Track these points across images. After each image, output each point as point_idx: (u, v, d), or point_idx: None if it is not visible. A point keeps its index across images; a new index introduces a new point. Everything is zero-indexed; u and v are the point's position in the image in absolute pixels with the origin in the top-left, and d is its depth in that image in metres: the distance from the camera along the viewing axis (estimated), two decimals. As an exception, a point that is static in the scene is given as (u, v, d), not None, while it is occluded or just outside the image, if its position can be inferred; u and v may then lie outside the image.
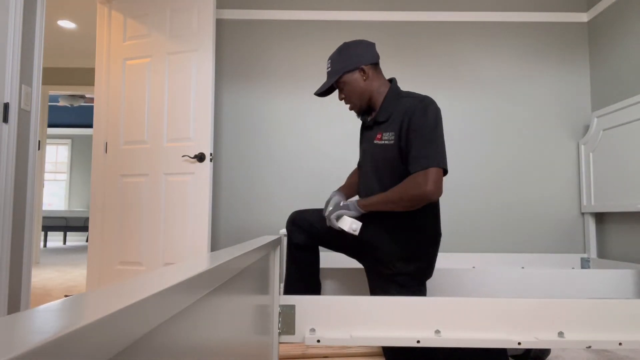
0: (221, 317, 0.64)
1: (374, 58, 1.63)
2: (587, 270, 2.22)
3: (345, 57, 1.61)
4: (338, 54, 1.63)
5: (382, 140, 1.58)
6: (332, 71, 1.63)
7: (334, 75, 1.62)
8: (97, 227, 2.85)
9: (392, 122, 1.56)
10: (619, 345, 1.14)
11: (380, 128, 1.60)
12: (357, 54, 1.61)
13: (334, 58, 1.63)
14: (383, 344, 1.24)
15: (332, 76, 1.62)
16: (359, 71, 1.61)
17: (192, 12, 2.74)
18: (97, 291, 0.37)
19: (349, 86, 1.62)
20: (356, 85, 1.61)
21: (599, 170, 2.74)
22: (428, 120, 1.48)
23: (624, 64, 2.67)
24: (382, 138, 1.58)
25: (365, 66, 1.60)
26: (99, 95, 2.93)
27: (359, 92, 1.63)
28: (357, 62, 1.60)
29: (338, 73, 1.61)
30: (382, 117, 1.60)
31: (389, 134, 1.56)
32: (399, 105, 1.57)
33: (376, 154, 1.61)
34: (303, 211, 1.79)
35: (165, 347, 0.41)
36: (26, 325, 0.26)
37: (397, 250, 1.58)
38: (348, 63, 1.61)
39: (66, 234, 8.40)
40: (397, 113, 1.55)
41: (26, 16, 2.07)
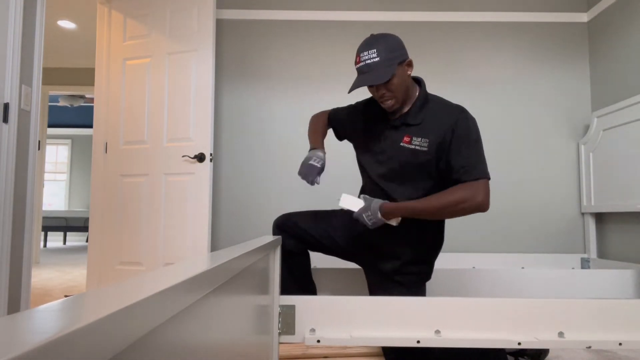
0: (221, 317, 0.64)
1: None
2: (587, 270, 2.22)
3: (395, 47, 1.46)
4: (384, 42, 1.45)
5: (411, 144, 1.49)
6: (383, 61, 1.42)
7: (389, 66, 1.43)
8: (97, 227, 2.85)
9: (424, 128, 1.49)
10: (619, 345, 1.14)
11: (409, 131, 1.51)
12: (402, 46, 1.48)
13: (381, 48, 1.43)
14: (383, 344, 1.24)
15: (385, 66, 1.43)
16: (406, 64, 1.49)
17: (192, 12, 2.74)
18: (97, 291, 0.37)
19: (398, 79, 1.46)
20: (405, 79, 1.48)
21: (599, 170, 2.74)
22: (472, 131, 1.46)
23: (624, 64, 2.67)
24: (411, 142, 1.49)
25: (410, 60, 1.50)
26: (99, 95, 2.93)
27: (406, 87, 1.50)
28: (403, 53, 1.47)
29: (393, 63, 1.43)
30: (413, 119, 1.51)
31: (421, 139, 1.48)
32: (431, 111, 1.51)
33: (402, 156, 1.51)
34: (289, 215, 1.73)
35: (165, 347, 0.41)
36: (26, 325, 0.26)
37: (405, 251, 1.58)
38: (399, 54, 1.45)
39: (66, 234, 8.39)
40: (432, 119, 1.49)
41: (26, 16, 2.07)
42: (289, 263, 1.71)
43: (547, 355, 1.73)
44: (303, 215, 1.75)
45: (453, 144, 1.44)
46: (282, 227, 1.70)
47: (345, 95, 3.01)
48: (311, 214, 1.77)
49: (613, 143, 2.62)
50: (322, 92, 3.01)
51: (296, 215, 1.74)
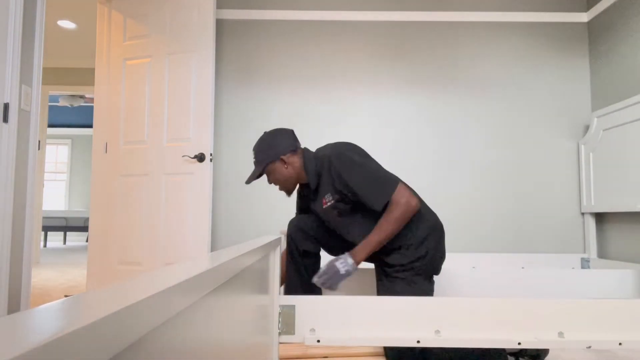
0: (221, 317, 0.64)
1: (291, 146, 1.73)
2: (587, 270, 2.22)
3: (266, 149, 1.72)
4: (259, 145, 1.74)
5: (327, 203, 1.67)
6: (256, 162, 1.73)
7: (259, 167, 1.72)
8: (97, 227, 2.85)
9: (324, 186, 1.67)
10: (619, 345, 1.14)
11: (319, 194, 1.70)
12: (276, 145, 1.72)
13: (256, 150, 1.74)
14: (383, 344, 1.24)
15: (257, 167, 1.73)
16: (280, 161, 1.71)
17: (192, 12, 2.74)
18: (97, 291, 0.37)
19: (273, 174, 1.73)
20: (281, 173, 1.71)
21: (599, 170, 2.74)
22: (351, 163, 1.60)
23: (624, 64, 2.67)
24: (326, 202, 1.67)
25: (284, 156, 1.70)
26: (99, 95, 2.93)
27: (284, 179, 1.72)
28: (275, 154, 1.70)
29: (262, 164, 1.71)
30: (313, 184, 1.71)
31: (328, 195, 1.66)
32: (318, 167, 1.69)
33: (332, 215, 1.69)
34: (305, 216, 1.81)
35: (165, 348, 0.41)
36: (26, 325, 0.26)
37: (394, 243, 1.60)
38: (269, 154, 1.71)
39: (66, 234, 8.40)
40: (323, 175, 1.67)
41: (26, 16, 2.07)
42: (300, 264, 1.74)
43: (547, 355, 1.73)
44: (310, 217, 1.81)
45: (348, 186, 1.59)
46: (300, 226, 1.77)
47: (342, 94, 3.01)
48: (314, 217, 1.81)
49: (613, 143, 2.62)
50: (322, 92, 3.01)
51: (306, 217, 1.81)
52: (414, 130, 2.99)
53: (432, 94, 3.00)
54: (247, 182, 1.75)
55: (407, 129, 2.99)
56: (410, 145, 2.98)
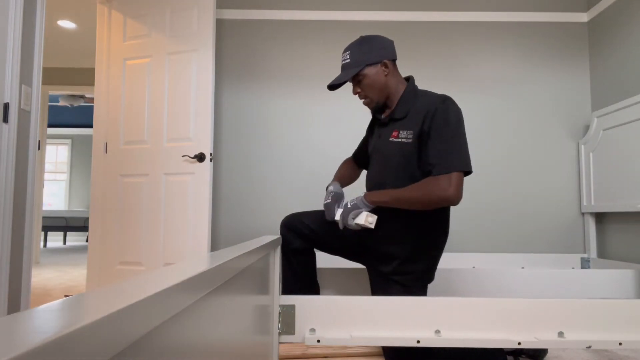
0: (221, 317, 0.64)
1: (394, 54, 1.59)
2: (587, 270, 2.22)
3: (368, 49, 1.55)
4: (359, 45, 1.56)
5: (398, 137, 1.53)
6: (352, 62, 1.55)
7: (356, 67, 1.54)
8: (97, 227, 2.85)
9: (410, 120, 1.53)
10: (619, 345, 1.14)
11: (396, 125, 1.56)
12: (379, 47, 1.56)
13: (354, 49, 1.55)
14: (383, 344, 1.24)
15: (352, 67, 1.54)
16: (382, 65, 1.55)
17: (192, 12, 2.74)
18: (97, 291, 0.37)
19: (369, 80, 1.56)
20: (377, 79, 1.56)
21: (599, 170, 2.74)
22: (451, 121, 1.45)
23: (624, 64, 2.67)
24: (398, 136, 1.53)
25: (387, 61, 1.56)
26: (99, 95, 2.93)
27: (379, 87, 1.57)
28: (379, 55, 1.55)
29: (360, 65, 1.53)
30: (399, 114, 1.56)
31: (407, 132, 1.52)
32: (417, 103, 1.54)
33: (391, 151, 1.56)
34: (297, 214, 1.75)
35: (165, 347, 0.41)
36: (26, 325, 0.26)
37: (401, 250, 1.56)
38: (371, 55, 1.54)
39: (66, 234, 8.40)
40: (416, 111, 1.52)
41: (26, 16, 2.07)
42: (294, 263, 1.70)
43: (546, 354, 1.73)
44: (310, 214, 1.76)
45: (431, 132, 1.45)
46: (290, 226, 1.71)
47: (342, 94, 3.01)
48: (318, 213, 1.77)
49: (613, 143, 2.62)
50: (322, 92, 3.01)
51: (303, 215, 1.75)
52: (414, 130, 2.99)
53: (432, 94, 3.00)
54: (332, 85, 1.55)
55: (407, 129, 2.99)
56: (410, 145, 2.98)
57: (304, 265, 1.74)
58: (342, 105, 3.00)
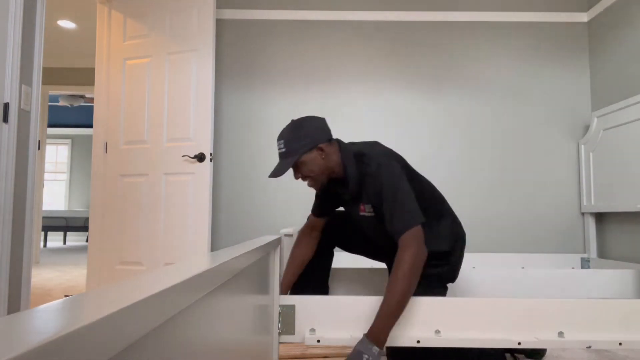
0: (221, 317, 0.64)
1: (328, 134, 1.55)
2: (587, 270, 2.22)
3: (301, 137, 1.52)
4: (291, 132, 1.53)
5: (366, 212, 1.56)
6: (287, 151, 1.51)
7: (293, 156, 1.51)
8: (97, 227, 2.85)
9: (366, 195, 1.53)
10: (619, 345, 1.14)
11: (359, 200, 1.57)
12: (312, 132, 1.52)
13: (288, 138, 1.52)
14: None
15: (289, 157, 1.51)
16: (317, 150, 1.52)
17: (192, 12, 2.74)
18: (97, 291, 0.37)
19: (307, 166, 1.53)
20: (315, 164, 1.52)
21: (599, 170, 2.74)
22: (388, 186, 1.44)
23: (624, 64, 2.67)
24: (365, 210, 1.56)
25: (322, 144, 1.52)
26: (99, 95, 2.93)
27: (319, 171, 1.54)
28: (313, 140, 1.51)
29: (295, 154, 1.50)
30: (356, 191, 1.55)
31: (368, 206, 1.54)
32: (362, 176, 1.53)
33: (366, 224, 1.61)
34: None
35: (165, 347, 0.41)
36: (26, 325, 0.26)
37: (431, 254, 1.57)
38: (305, 142, 1.51)
39: (66, 234, 8.40)
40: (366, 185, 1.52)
41: (26, 16, 2.07)
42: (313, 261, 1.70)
43: (545, 353, 1.72)
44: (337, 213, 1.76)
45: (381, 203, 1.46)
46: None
47: (342, 94, 3.01)
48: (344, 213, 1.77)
49: (613, 143, 2.62)
50: (322, 92, 3.01)
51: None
52: (414, 130, 2.99)
53: (431, 93, 3.00)
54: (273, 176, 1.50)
55: (406, 129, 2.99)
56: (410, 145, 2.98)
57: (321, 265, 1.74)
58: (342, 105, 3.00)
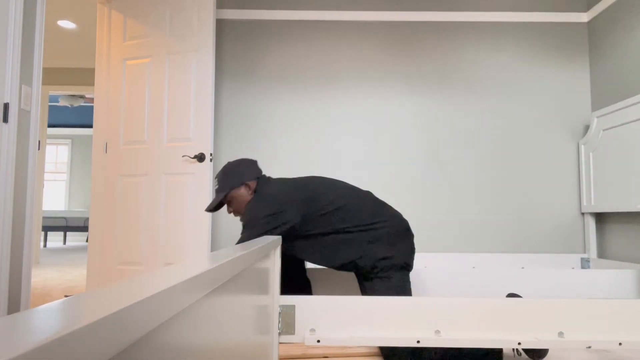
0: (221, 317, 0.64)
1: (255, 173, 1.80)
2: (587, 270, 2.22)
3: (230, 175, 1.78)
4: (223, 173, 1.80)
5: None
6: (219, 188, 1.79)
7: (222, 192, 1.78)
8: (97, 227, 2.85)
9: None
10: (619, 345, 1.14)
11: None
12: (240, 171, 1.79)
13: (220, 177, 1.80)
14: (383, 344, 1.24)
15: (220, 192, 1.78)
16: (244, 186, 1.77)
17: (192, 12, 2.74)
18: (97, 291, 0.37)
19: (236, 201, 1.78)
20: (242, 199, 1.77)
21: (599, 170, 2.74)
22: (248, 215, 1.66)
23: (624, 64, 2.67)
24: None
25: (249, 181, 1.77)
26: (99, 95, 2.93)
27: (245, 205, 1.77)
28: (241, 178, 1.78)
29: (225, 190, 1.77)
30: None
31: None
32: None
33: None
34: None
35: (165, 348, 0.41)
36: (26, 325, 0.26)
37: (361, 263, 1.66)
38: (234, 180, 1.78)
39: (66, 234, 8.39)
40: None
41: (26, 16, 2.07)
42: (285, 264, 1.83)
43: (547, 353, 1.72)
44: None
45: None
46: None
47: (342, 94, 3.01)
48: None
49: (613, 143, 2.62)
50: (322, 92, 3.01)
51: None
52: (414, 129, 2.99)
53: (432, 93, 3.00)
54: (207, 210, 1.80)
55: (407, 129, 2.99)
56: (410, 145, 2.98)
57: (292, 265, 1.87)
58: (342, 105, 3.00)
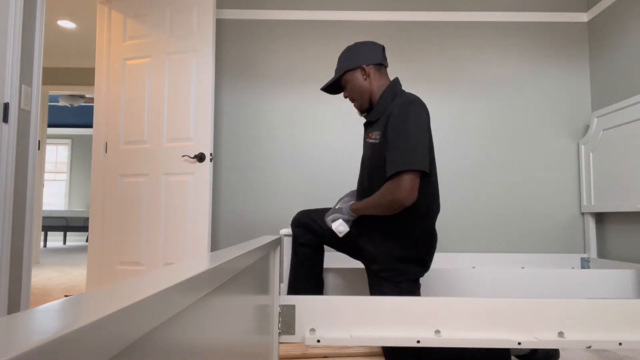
0: (221, 317, 0.64)
1: (377, 59, 1.65)
2: (587, 270, 2.22)
3: (350, 56, 1.66)
4: (345, 52, 1.69)
5: (372, 139, 1.60)
6: (337, 68, 1.70)
7: (337, 73, 1.68)
8: (97, 227, 2.85)
9: (381, 122, 1.58)
10: (619, 345, 1.14)
11: (371, 127, 1.64)
12: (361, 53, 1.65)
13: (341, 56, 1.69)
14: (383, 344, 1.24)
15: (336, 73, 1.70)
16: (360, 70, 1.64)
17: (192, 12, 2.74)
18: (97, 291, 0.37)
19: (350, 84, 1.66)
20: (357, 84, 1.65)
21: (599, 170, 2.74)
22: (406, 120, 1.48)
23: (624, 64, 2.67)
24: (372, 137, 1.60)
25: (367, 66, 1.63)
26: (99, 95, 2.93)
27: (360, 91, 1.65)
28: (359, 61, 1.64)
29: (340, 71, 1.67)
30: (373, 116, 1.64)
31: (377, 133, 1.57)
32: (390, 105, 1.58)
33: (367, 153, 1.65)
34: (309, 211, 1.83)
35: (165, 348, 0.41)
36: (26, 325, 0.26)
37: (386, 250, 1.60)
38: (350, 62, 1.65)
39: (66, 234, 8.39)
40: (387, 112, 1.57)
41: (26, 16, 2.07)
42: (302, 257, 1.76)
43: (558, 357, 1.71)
44: (320, 212, 1.82)
45: (387, 134, 1.50)
46: (300, 222, 1.78)
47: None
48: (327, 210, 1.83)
49: (613, 143, 2.62)
50: (322, 92, 3.01)
51: (313, 212, 1.81)
52: (414, 130, 2.99)
53: (431, 93, 3.00)
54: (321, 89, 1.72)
55: (407, 129, 2.99)
56: (410, 145, 2.98)
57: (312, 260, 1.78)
58: (342, 105, 3.00)
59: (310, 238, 1.76)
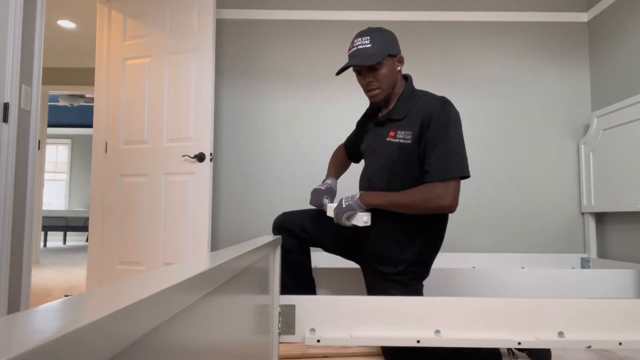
0: (221, 317, 0.64)
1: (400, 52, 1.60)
2: (587, 270, 2.22)
3: (388, 40, 1.52)
4: (381, 33, 1.51)
5: (396, 138, 1.52)
6: (374, 48, 1.48)
7: (379, 55, 1.48)
8: (97, 227, 2.85)
9: (408, 121, 1.51)
10: (619, 345, 1.14)
11: (394, 125, 1.55)
12: (395, 41, 1.55)
13: (376, 37, 1.49)
14: (383, 344, 1.24)
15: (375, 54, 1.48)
16: (398, 59, 1.55)
17: (192, 12, 2.74)
18: (97, 291, 0.37)
19: (385, 70, 1.51)
20: (391, 72, 1.53)
21: (599, 170, 2.74)
22: (450, 126, 1.44)
23: (624, 64, 2.67)
24: (396, 136, 1.52)
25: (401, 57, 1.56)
26: (99, 95, 2.93)
27: (390, 80, 1.54)
28: (398, 49, 1.55)
29: (383, 53, 1.48)
30: (397, 114, 1.55)
31: (405, 132, 1.50)
32: (416, 104, 1.53)
33: (389, 151, 1.55)
34: (288, 214, 1.75)
35: (165, 347, 0.41)
36: (26, 325, 0.26)
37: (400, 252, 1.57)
38: (392, 47, 1.52)
39: (66, 234, 8.39)
40: (415, 112, 1.51)
41: (26, 16, 2.07)
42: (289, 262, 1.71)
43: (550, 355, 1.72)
44: (302, 213, 1.76)
45: (429, 137, 1.45)
46: (281, 226, 1.71)
47: (342, 93, 3.01)
48: (309, 212, 1.77)
49: (613, 143, 2.62)
50: (322, 92, 3.01)
51: (295, 214, 1.75)
52: (414, 130, 2.99)
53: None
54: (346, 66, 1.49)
55: (407, 129, 2.99)
56: (410, 145, 2.98)
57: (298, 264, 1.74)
58: (342, 105, 3.00)
59: (294, 243, 1.69)
